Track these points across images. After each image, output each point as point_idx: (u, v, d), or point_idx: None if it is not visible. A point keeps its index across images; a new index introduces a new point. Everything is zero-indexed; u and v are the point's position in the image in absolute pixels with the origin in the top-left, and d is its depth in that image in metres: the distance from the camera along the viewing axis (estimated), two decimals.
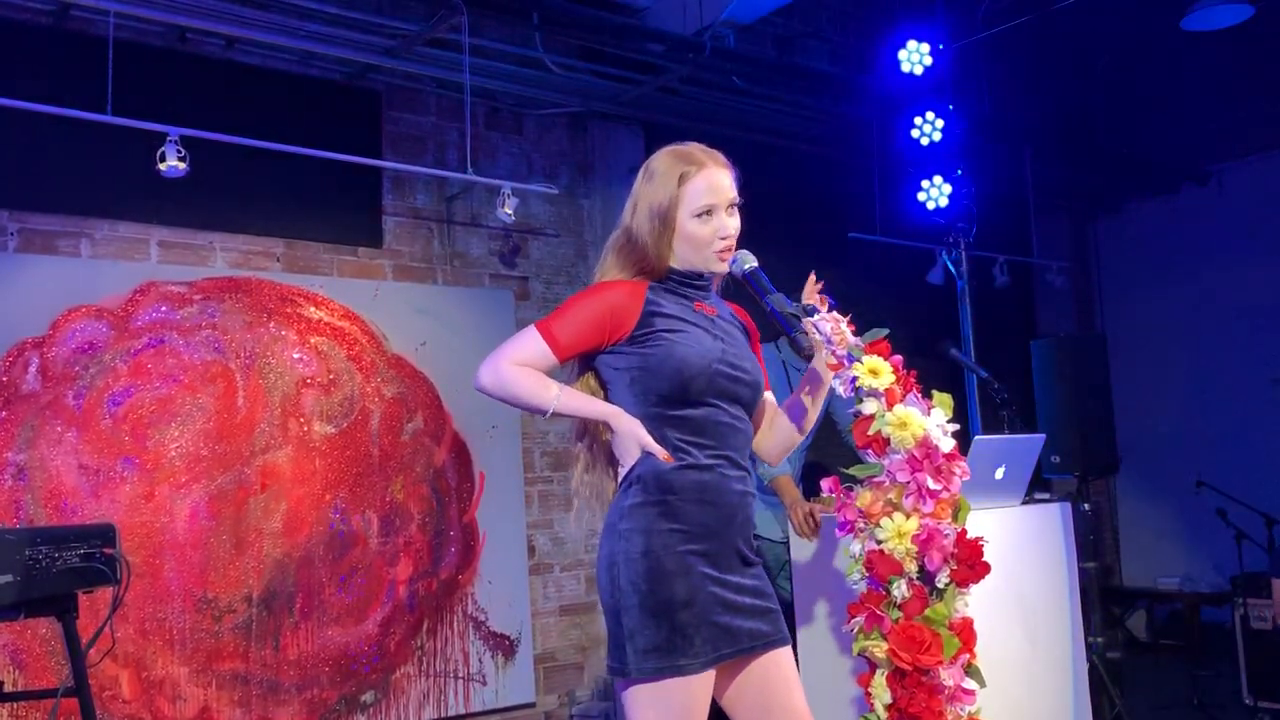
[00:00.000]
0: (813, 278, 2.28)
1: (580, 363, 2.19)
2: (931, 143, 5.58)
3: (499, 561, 5.05)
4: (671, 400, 2.07)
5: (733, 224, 2.14)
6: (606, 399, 2.16)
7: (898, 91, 5.53)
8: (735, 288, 2.25)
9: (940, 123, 5.56)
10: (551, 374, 2.12)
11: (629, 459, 2.08)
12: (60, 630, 2.67)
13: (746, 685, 2.10)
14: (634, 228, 2.15)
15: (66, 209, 4.16)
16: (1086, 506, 4.42)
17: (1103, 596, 5.22)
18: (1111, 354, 5.05)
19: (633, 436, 2.06)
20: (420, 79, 4.99)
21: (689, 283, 2.18)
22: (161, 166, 3.79)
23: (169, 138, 3.79)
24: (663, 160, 2.16)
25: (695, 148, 2.17)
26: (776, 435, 2.30)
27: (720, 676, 2.08)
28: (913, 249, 6.00)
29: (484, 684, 4.92)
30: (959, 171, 5.69)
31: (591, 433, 2.23)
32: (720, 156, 2.17)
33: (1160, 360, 7.35)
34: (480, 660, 4.93)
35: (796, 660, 2.25)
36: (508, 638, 5.03)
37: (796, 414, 2.29)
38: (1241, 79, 6.85)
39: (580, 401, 2.12)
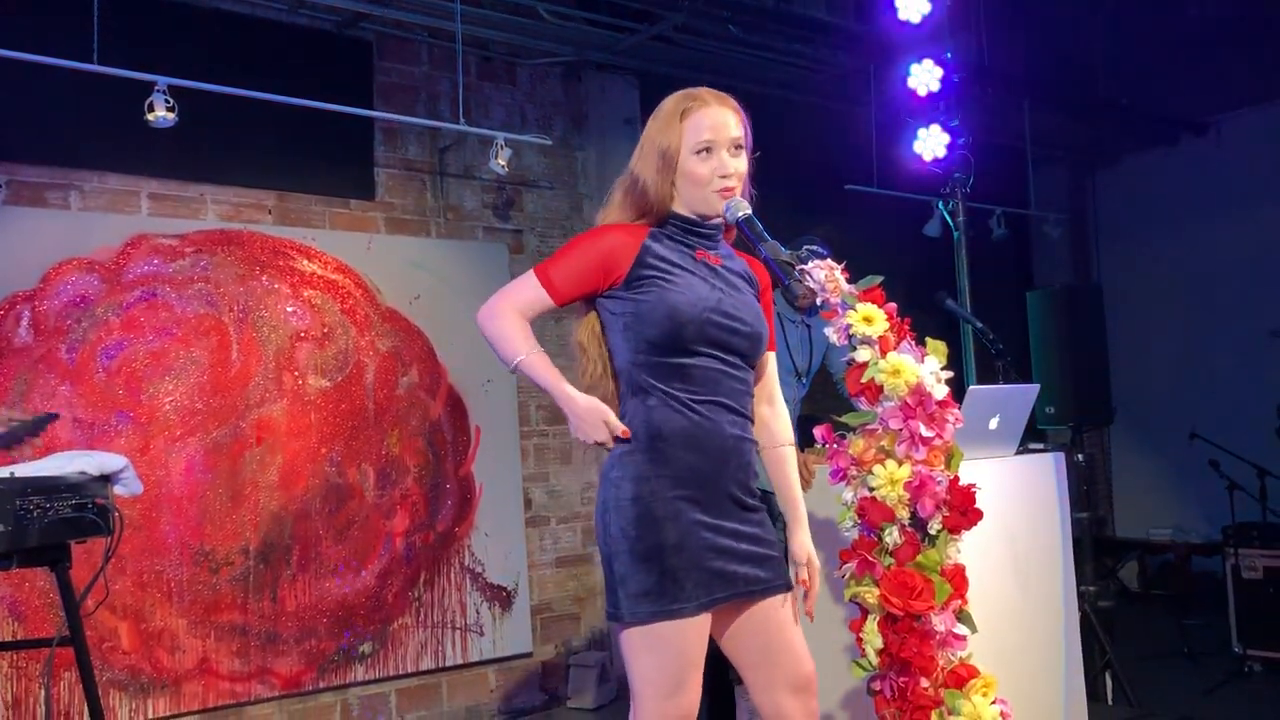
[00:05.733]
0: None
1: (586, 302, 2.19)
2: (929, 92, 5.51)
3: (495, 514, 5.06)
4: (662, 348, 2.07)
5: (734, 164, 2.11)
6: (605, 340, 2.16)
7: (895, 39, 5.46)
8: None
9: (938, 71, 5.48)
10: (551, 316, 2.15)
11: (588, 440, 2.07)
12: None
13: (746, 628, 2.12)
14: (639, 167, 2.15)
15: (55, 160, 4.11)
16: (1080, 457, 4.44)
17: (1095, 546, 5.24)
18: (1108, 306, 5.03)
19: (595, 414, 2.05)
20: (411, 28, 4.93)
21: (693, 229, 2.16)
22: (150, 117, 3.74)
23: (156, 87, 3.74)
24: (670, 100, 2.16)
25: (705, 90, 2.16)
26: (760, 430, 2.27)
27: (719, 620, 2.09)
28: (909, 200, 5.96)
29: (481, 634, 4.96)
30: (955, 121, 5.63)
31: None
32: (730, 99, 2.16)
33: (1156, 312, 7.33)
34: (477, 611, 4.96)
35: None
36: (504, 589, 5.07)
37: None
38: (1241, 28, 6.77)
39: (542, 373, 2.09)
